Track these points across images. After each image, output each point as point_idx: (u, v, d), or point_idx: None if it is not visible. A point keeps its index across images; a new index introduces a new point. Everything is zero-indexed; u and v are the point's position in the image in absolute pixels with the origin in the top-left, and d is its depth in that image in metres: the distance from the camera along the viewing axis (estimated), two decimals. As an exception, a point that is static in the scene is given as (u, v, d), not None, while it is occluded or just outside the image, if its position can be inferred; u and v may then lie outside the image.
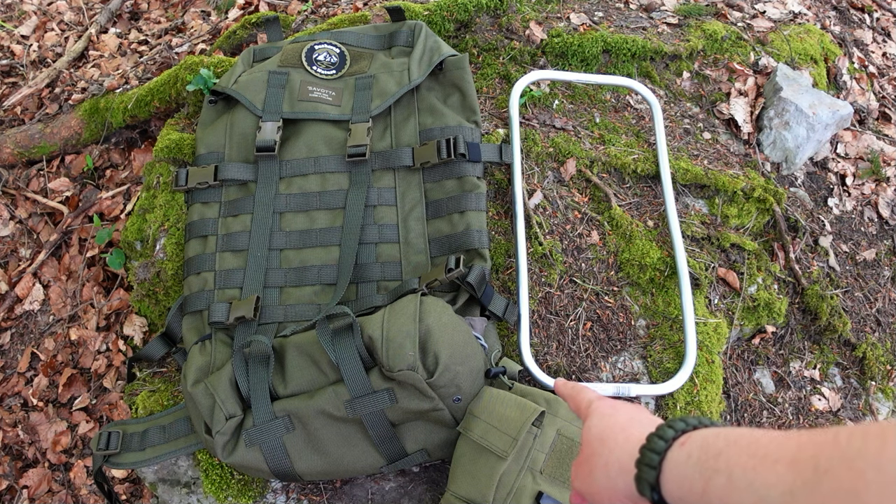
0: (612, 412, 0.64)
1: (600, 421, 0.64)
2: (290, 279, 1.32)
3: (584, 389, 0.72)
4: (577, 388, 0.73)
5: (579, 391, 0.72)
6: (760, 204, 1.59)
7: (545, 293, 1.36)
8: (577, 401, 0.71)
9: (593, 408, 0.66)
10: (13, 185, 2.02)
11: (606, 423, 0.63)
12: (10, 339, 1.87)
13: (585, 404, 0.69)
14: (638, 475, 0.54)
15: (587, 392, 0.71)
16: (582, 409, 0.69)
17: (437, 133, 1.41)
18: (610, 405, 0.66)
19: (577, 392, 0.72)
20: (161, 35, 2.26)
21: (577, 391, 0.72)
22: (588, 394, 0.71)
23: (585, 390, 0.72)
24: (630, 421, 0.62)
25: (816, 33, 1.97)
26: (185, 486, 1.28)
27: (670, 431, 0.54)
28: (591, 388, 0.73)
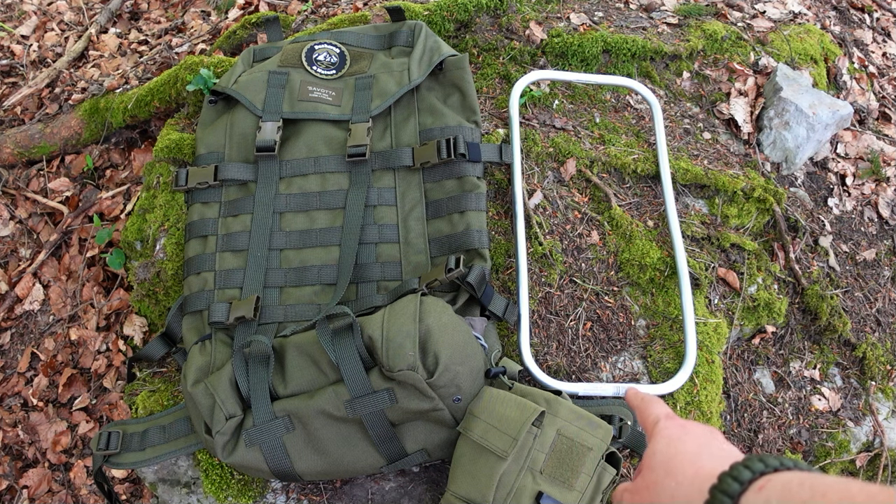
0: (682, 436, 0.59)
1: (668, 447, 0.58)
2: (290, 279, 1.32)
3: (653, 403, 0.67)
4: (647, 400, 0.68)
5: (648, 404, 0.66)
6: (760, 204, 1.59)
7: (545, 293, 1.36)
8: (644, 415, 0.66)
9: (660, 428, 0.61)
10: (13, 185, 2.02)
11: (675, 449, 0.58)
12: (10, 339, 1.87)
13: (653, 420, 0.64)
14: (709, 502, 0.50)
15: (657, 407, 0.66)
16: (648, 425, 0.64)
17: (437, 133, 1.41)
18: (679, 427, 0.60)
19: (647, 405, 0.66)
20: (161, 35, 2.26)
21: (646, 404, 0.67)
22: (657, 409, 0.65)
23: (655, 404, 0.66)
24: (700, 450, 0.57)
25: (816, 33, 1.97)
26: (185, 486, 1.28)
27: (747, 473, 0.49)
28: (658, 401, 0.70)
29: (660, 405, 0.66)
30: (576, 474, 1.10)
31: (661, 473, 0.57)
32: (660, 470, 0.57)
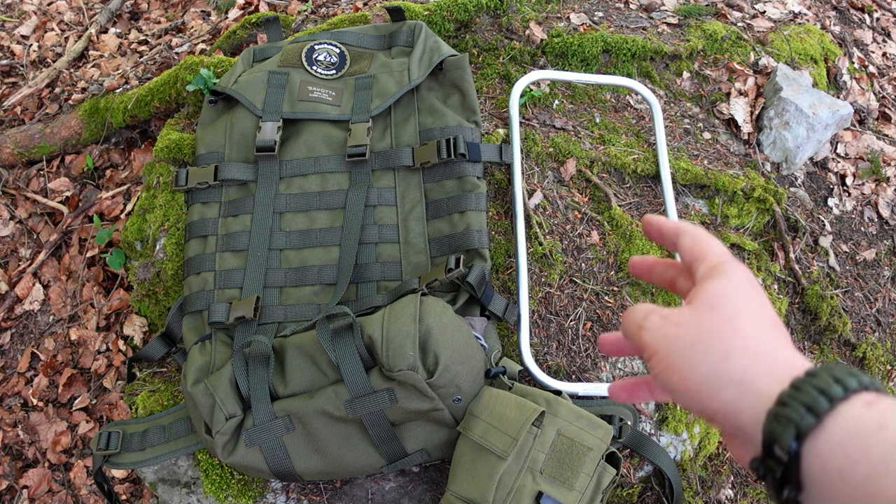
0: (757, 294, 0.44)
1: (740, 295, 0.43)
2: (290, 279, 1.32)
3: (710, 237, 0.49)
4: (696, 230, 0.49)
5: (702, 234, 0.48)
6: (760, 204, 1.59)
7: (545, 293, 1.36)
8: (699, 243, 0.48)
9: (731, 268, 0.45)
10: (13, 185, 2.02)
11: (748, 304, 0.43)
12: (10, 339, 1.87)
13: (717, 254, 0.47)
14: (782, 413, 0.37)
15: (716, 242, 0.48)
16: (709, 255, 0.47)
17: (437, 133, 1.41)
18: (753, 283, 0.45)
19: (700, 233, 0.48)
20: (161, 35, 2.26)
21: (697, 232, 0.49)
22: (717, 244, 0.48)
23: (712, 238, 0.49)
24: (776, 328, 0.43)
25: (816, 33, 1.96)
26: (185, 486, 1.28)
27: (853, 381, 0.37)
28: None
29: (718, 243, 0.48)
30: (576, 474, 1.10)
31: (724, 322, 0.42)
32: (724, 317, 0.42)
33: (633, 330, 0.46)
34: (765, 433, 0.38)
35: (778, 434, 0.37)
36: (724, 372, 0.40)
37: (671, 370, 0.42)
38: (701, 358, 0.41)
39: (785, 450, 0.36)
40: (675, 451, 1.31)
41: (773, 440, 0.37)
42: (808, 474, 0.36)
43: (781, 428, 0.37)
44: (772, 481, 0.38)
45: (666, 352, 0.43)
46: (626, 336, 0.48)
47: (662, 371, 0.43)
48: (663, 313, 0.45)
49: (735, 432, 0.41)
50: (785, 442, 0.36)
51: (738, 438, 0.41)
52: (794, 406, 0.37)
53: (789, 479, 0.37)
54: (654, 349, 0.44)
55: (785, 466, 0.37)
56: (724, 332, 0.42)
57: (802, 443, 0.36)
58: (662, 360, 0.43)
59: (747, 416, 0.39)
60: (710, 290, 0.44)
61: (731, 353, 0.41)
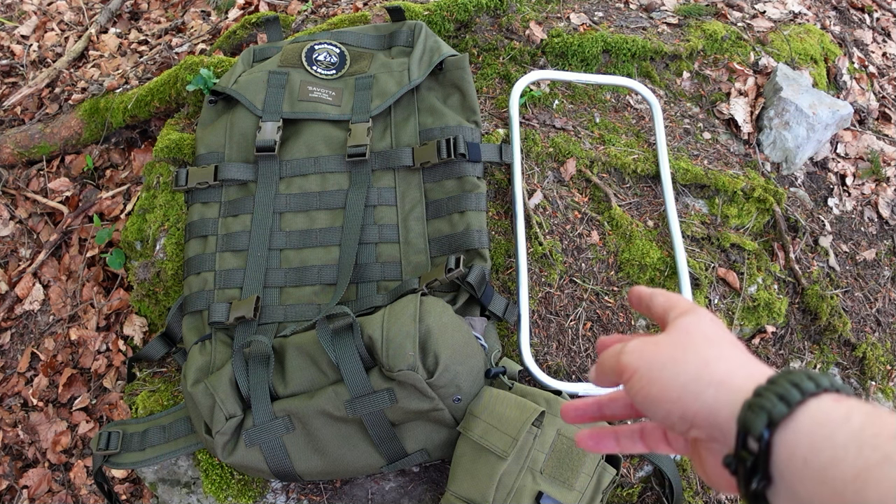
0: (725, 332, 0.48)
1: (711, 325, 0.48)
2: (290, 279, 1.32)
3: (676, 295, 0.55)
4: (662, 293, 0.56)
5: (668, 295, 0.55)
6: (760, 204, 1.59)
7: (545, 293, 1.36)
8: (667, 300, 0.53)
9: (699, 310, 0.50)
10: (13, 185, 2.02)
11: (720, 332, 0.47)
12: (10, 339, 1.87)
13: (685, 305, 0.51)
14: (756, 403, 0.39)
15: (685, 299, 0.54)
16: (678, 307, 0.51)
17: (437, 133, 1.41)
18: (718, 322, 0.49)
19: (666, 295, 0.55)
20: (161, 35, 2.26)
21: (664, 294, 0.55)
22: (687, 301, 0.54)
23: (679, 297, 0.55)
24: (745, 349, 0.47)
25: (816, 33, 1.96)
26: (185, 486, 1.28)
27: (825, 380, 0.40)
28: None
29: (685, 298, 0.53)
30: (576, 474, 1.10)
31: (699, 338, 0.46)
32: (698, 336, 0.46)
33: (612, 358, 0.49)
34: (739, 423, 0.40)
35: (751, 422, 0.39)
36: (703, 376, 0.43)
37: (653, 382, 0.45)
38: (681, 368, 0.44)
39: (756, 437, 0.38)
40: (675, 451, 1.31)
41: (746, 430, 0.39)
42: (776, 465, 0.38)
43: (754, 415, 0.39)
44: (742, 473, 0.40)
45: (646, 368, 0.46)
46: (602, 373, 0.51)
47: (644, 386, 0.46)
48: (640, 339, 0.49)
49: (713, 434, 0.43)
50: (756, 429, 0.38)
51: (716, 443, 0.43)
52: (768, 396, 0.39)
53: (759, 469, 0.38)
54: (633, 368, 0.47)
55: (755, 456, 0.39)
56: (701, 345, 0.45)
57: (774, 431, 0.38)
58: (643, 376, 0.46)
59: (725, 414, 0.41)
60: (682, 321, 0.49)
61: (710, 361, 0.44)
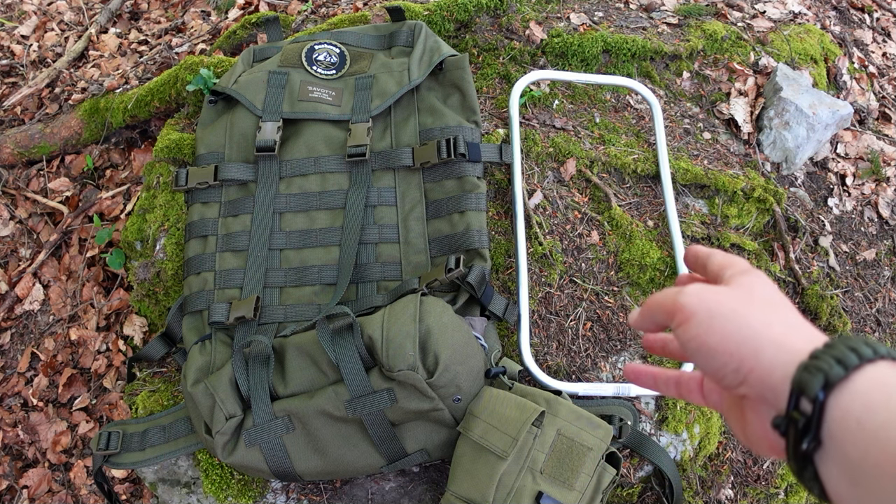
0: (784, 298, 0.48)
1: (770, 287, 0.47)
2: (290, 279, 1.32)
3: None
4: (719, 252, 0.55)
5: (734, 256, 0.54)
6: (760, 204, 1.59)
7: (545, 293, 1.36)
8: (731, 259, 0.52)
9: (758, 273, 0.50)
10: (13, 185, 2.02)
11: (778, 294, 0.47)
12: (10, 339, 1.87)
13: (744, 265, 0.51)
14: (812, 364, 0.39)
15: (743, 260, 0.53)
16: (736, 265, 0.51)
17: (437, 133, 1.41)
18: (777, 288, 0.49)
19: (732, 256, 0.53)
20: (161, 35, 2.26)
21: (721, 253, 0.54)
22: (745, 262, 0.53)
23: None
24: (801, 316, 0.47)
25: (816, 33, 1.96)
26: (185, 486, 1.28)
27: (883, 348, 0.39)
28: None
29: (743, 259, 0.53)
30: (576, 474, 1.10)
31: (759, 301, 0.45)
32: (758, 298, 0.46)
33: (668, 298, 0.48)
34: (794, 383, 0.39)
35: (806, 382, 0.38)
36: (763, 334, 0.43)
37: (712, 330, 0.44)
38: (742, 321, 0.43)
39: (811, 398, 0.38)
40: (675, 451, 1.31)
41: (801, 390, 0.38)
42: (828, 426, 0.37)
43: (810, 376, 0.38)
44: (793, 433, 0.39)
45: (706, 314, 0.45)
46: (650, 311, 0.50)
47: (702, 333, 0.44)
48: (700, 285, 0.47)
49: (764, 394, 0.42)
50: (812, 390, 0.38)
51: (764, 403, 0.42)
52: (825, 358, 0.38)
53: (810, 430, 0.38)
54: (691, 311, 0.45)
55: (808, 418, 0.38)
56: (762, 306, 0.45)
57: (829, 393, 0.37)
58: (703, 322, 0.44)
59: (779, 374, 0.41)
60: (743, 279, 0.48)
61: (771, 321, 0.43)
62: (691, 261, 0.56)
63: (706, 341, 0.44)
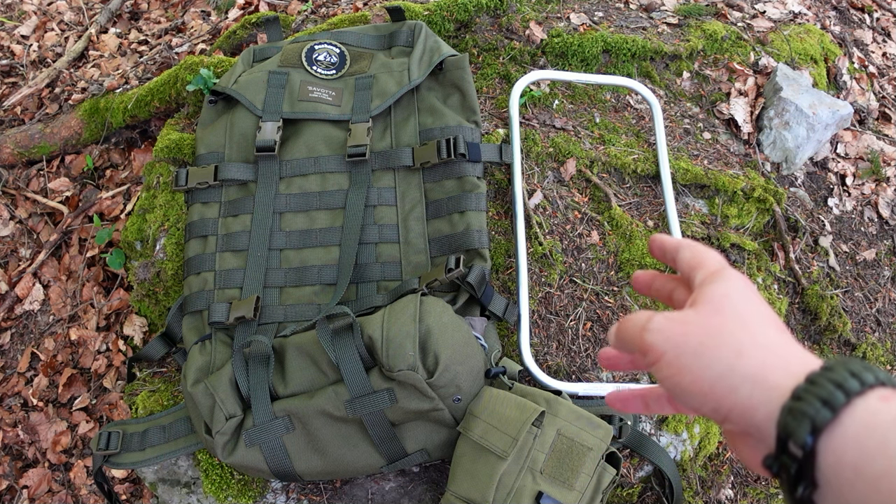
0: (755, 295, 0.44)
1: (742, 294, 0.43)
2: (290, 279, 1.32)
3: (707, 249, 0.50)
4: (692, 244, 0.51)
5: (698, 248, 0.50)
6: (760, 204, 1.59)
7: (545, 293, 1.36)
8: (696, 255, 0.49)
9: (729, 274, 0.45)
10: (13, 185, 2.02)
11: (752, 302, 0.43)
12: (10, 339, 1.87)
13: (714, 263, 0.47)
14: (797, 408, 0.36)
15: (713, 253, 0.50)
16: (707, 264, 0.47)
17: (437, 133, 1.41)
18: (751, 286, 0.45)
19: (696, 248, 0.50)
20: (161, 35, 2.26)
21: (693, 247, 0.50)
22: (714, 255, 0.49)
23: (709, 251, 0.50)
24: (782, 328, 0.43)
25: (816, 33, 1.96)
26: (185, 486, 1.28)
27: (869, 376, 0.36)
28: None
29: (716, 253, 0.49)
30: (576, 474, 1.10)
31: (730, 320, 0.42)
32: (731, 316, 0.42)
33: (635, 333, 0.44)
34: (779, 428, 0.37)
35: (793, 428, 0.36)
36: (737, 368, 0.39)
37: (682, 371, 0.41)
38: (713, 355, 0.40)
39: (799, 444, 0.35)
40: (675, 451, 1.31)
41: (787, 435, 0.36)
42: (823, 471, 0.35)
43: (796, 422, 0.36)
44: (786, 479, 0.37)
45: (674, 353, 0.42)
46: (622, 344, 0.47)
47: (674, 374, 0.42)
48: (666, 315, 0.44)
49: (749, 430, 0.40)
50: (800, 437, 0.35)
51: (752, 438, 0.40)
52: (810, 400, 0.36)
53: (804, 476, 0.36)
54: (660, 351, 0.42)
55: (800, 463, 0.36)
56: (733, 329, 0.41)
57: (818, 437, 0.35)
58: (671, 363, 0.42)
59: (762, 413, 0.38)
60: (711, 291, 0.44)
61: (743, 350, 0.40)
62: (658, 252, 0.53)
63: (679, 382, 0.41)
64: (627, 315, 0.48)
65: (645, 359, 0.44)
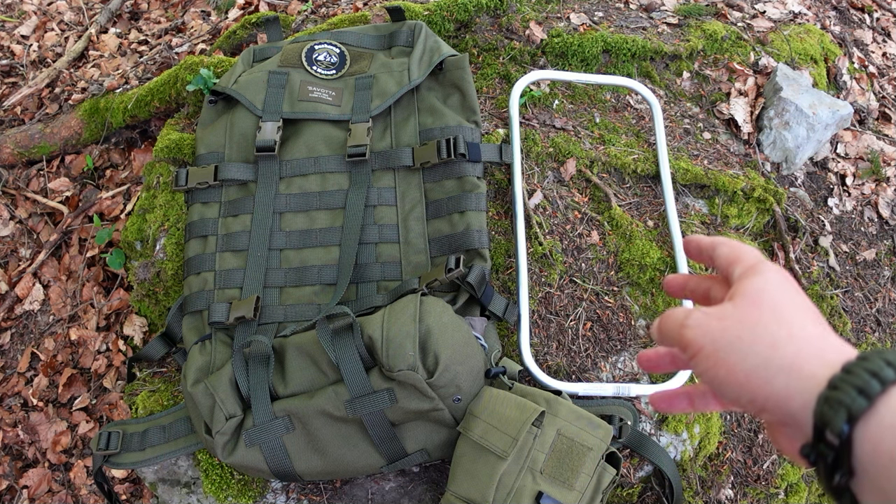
0: (794, 289, 0.45)
1: (779, 289, 0.44)
2: (290, 279, 1.32)
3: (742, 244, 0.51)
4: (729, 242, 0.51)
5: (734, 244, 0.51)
6: (760, 204, 1.59)
7: (545, 293, 1.36)
8: (733, 251, 0.49)
9: (766, 268, 0.46)
10: (13, 185, 2.02)
11: (789, 297, 0.44)
12: (10, 339, 1.87)
13: (751, 259, 0.48)
14: (833, 397, 0.37)
15: (749, 247, 0.50)
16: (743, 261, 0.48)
17: (437, 133, 1.41)
18: (789, 279, 0.46)
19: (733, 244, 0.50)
20: (161, 35, 2.26)
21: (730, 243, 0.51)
22: (751, 249, 0.49)
23: (745, 245, 0.51)
24: (819, 319, 0.43)
25: (816, 33, 1.96)
26: (185, 486, 1.28)
27: None
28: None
29: (753, 248, 0.49)
30: (576, 474, 1.10)
31: (767, 313, 0.42)
32: (766, 309, 0.43)
33: (674, 329, 0.46)
34: (816, 417, 0.37)
35: (829, 417, 0.36)
36: (773, 360, 0.40)
37: (718, 364, 0.42)
38: (748, 349, 0.41)
39: (836, 433, 0.36)
40: (675, 451, 1.31)
41: (824, 424, 0.37)
42: (859, 458, 0.36)
43: (833, 411, 0.36)
44: (823, 467, 0.37)
45: (711, 347, 0.43)
46: (662, 340, 0.48)
47: (710, 367, 0.43)
48: (704, 310, 0.45)
49: (785, 420, 0.40)
50: (836, 425, 0.36)
51: (788, 427, 0.41)
52: (846, 389, 0.36)
53: (841, 464, 0.36)
54: (698, 345, 0.44)
55: (836, 451, 0.36)
56: (769, 322, 0.42)
57: (854, 426, 0.36)
58: (709, 356, 0.43)
59: (797, 402, 0.39)
60: (749, 286, 0.45)
61: (779, 342, 0.41)
62: (694, 252, 0.54)
63: (716, 375, 0.43)
64: (667, 310, 0.48)
65: (684, 354, 0.45)
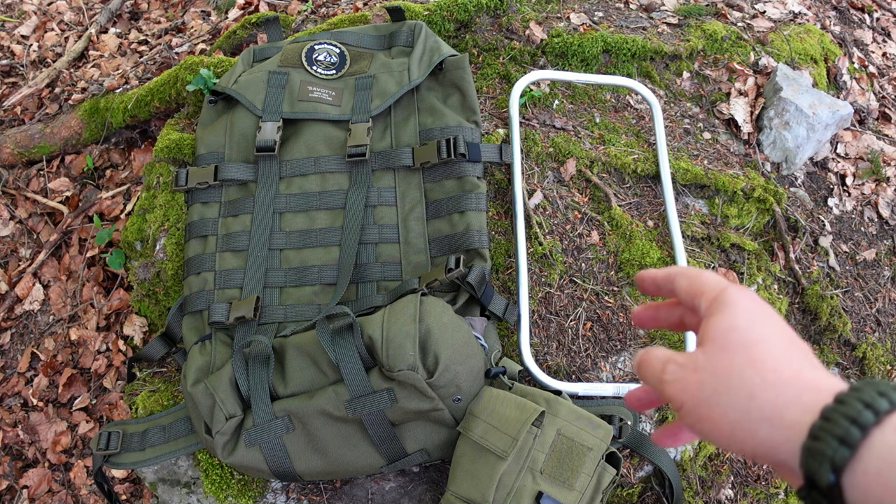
0: (766, 317, 0.43)
1: (750, 324, 0.43)
2: (290, 279, 1.32)
3: (703, 272, 0.49)
4: (689, 271, 0.50)
5: (695, 273, 0.48)
6: (760, 204, 1.59)
7: (545, 293, 1.36)
8: (695, 282, 0.48)
9: (733, 297, 0.44)
10: (13, 185, 2.02)
11: (760, 333, 0.42)
12: (10, 339, 1.87)
13: (713, 286, 0.46)
14: (815, 448, 0.37)
15: (711, 274, 0.48)
16: (707, 291, 0.46)
17: (437, 133, 1.41)
18: (759, 304, 0.44)
19: (693, 273, 0.48)
20: (161, 35, 2.26)
21: (691, 274, 0.49)
22: (713, 276, 0.47)
23: (706, 273, 0.48)
24: (793, 346, 0.42)
25: (816, 33, 1.96)
26: (185, 486, 1.28)
27: (883, 402, 0.36)
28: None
29: (713, 273, 0.47)
30: (576, 474, 1.10)
31: (739, 358, 0.42)
32: (738, 353, 0.42)
33: (655, 383, 0.46)
34: (803, 468, 0.38)
35: (814, 469, 0.37)
36: (752, 412, 0.40)
37: (702, 420, 0.42)
38: (726, 402, 0.41)
39: (824, 484, 0.36)
40: (675, 451, 1.31)
41: (811, 475, 0.37)
42: (853, 502, 0.36)
43: (817, 464, 0.37)
44: None
45: (692, 403, 0.43)
46: (648, 385, 0.48)
47: (696, 422, 0.43)
48: (679, 361, 0.45)
49: (776, 466, 0.41)
50: (823, 477, 0.36)
51: (785, 468, 0.41)
52: (827, 440, 0.36)
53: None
54: (679, 401, 0.44)
55: (828, 498, 0.37)
56: (742, 368, 0.41)
57: (840, 475, 0.36)
58: (691, 412, 0.43)
59: (785, 452, 0.39)
60: (716, 326, 0.44)
61: (755, 391, 0.41)
62: (651, 288, 0.52)
63: (702, 429, 0.43)
64: (646, 352, 0.47)
65: (671, 405, 0.45)
